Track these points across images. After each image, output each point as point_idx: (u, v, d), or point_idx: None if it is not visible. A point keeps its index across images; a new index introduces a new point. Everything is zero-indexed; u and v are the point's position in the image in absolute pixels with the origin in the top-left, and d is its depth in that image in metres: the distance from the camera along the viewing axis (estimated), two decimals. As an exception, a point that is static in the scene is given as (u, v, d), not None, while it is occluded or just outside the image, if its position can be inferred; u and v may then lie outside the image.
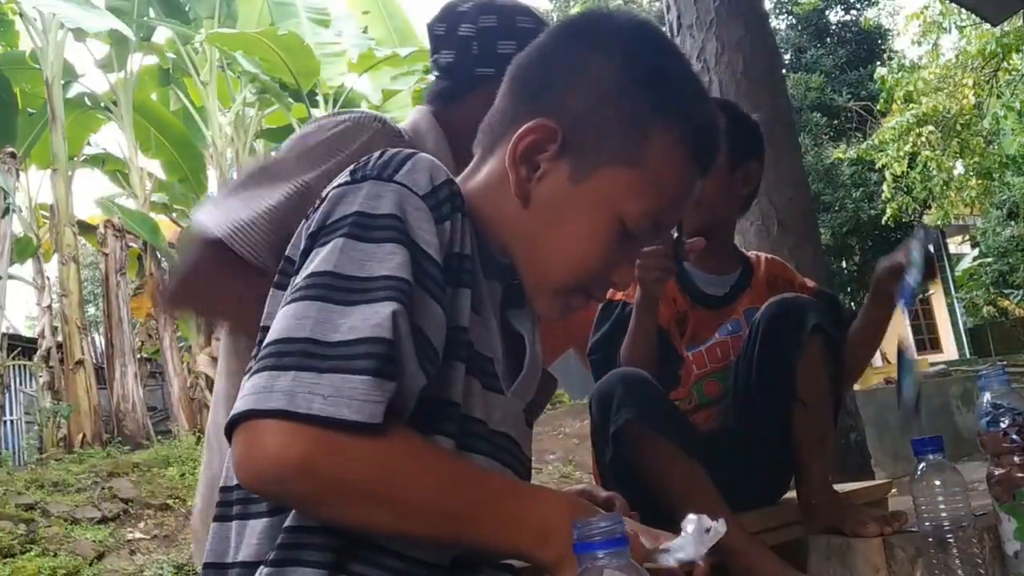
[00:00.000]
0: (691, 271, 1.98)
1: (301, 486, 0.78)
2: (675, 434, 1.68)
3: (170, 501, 7.22)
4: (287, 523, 0.85)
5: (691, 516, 0.98)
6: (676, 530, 0.95)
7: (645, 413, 1.66)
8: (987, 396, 1.45)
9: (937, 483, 1.41)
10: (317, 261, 0.86)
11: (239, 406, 0.79)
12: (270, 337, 0.83)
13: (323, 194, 0.94)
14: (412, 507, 0.83)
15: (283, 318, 0.83)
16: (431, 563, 0.88)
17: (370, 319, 0.82)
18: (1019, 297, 20.10)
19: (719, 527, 0.95)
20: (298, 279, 0.87)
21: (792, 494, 1.97)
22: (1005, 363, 1.57)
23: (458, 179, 1.01)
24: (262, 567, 0.84)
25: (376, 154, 0.94)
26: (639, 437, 1.67)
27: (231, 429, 0.80)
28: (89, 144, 13.00)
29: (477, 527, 0.86)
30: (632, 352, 1.81)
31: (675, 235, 1.72)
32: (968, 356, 19.63)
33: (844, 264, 14.68)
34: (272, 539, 0.86)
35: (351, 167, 0.94)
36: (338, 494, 0.80)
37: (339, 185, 0.92)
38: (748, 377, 1.84)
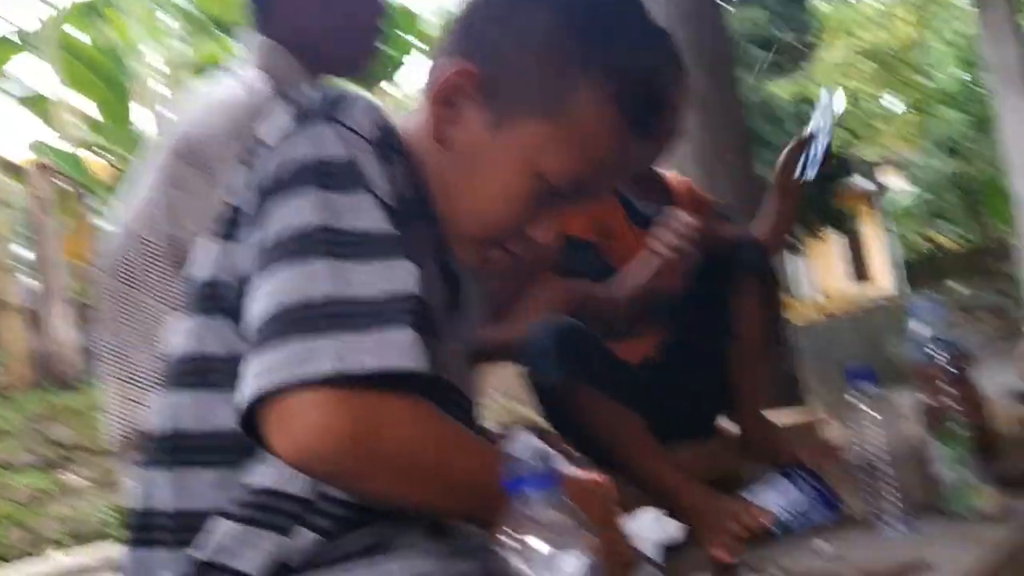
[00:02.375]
0: (630, 197, 1.98)
1: (347, 461, 0.76)
2: (609, 385, 1.68)
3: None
4: (253, 482, 0.83)
5: (645, 509, 1.00)
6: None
7: (577, 368, 1.66)
8: (920, 326, 1.48)
9: (870, 412, 1.44)
10: (296, 216, 0.82)
11: (270, 380, 0.74)
12: (275, 304, 0.77)
13: (260, 138, 0.90)
14: (444, 482, 0.82)
15: (285, 279, 0.79)
16: (373, 508, 0.87)
17: (390, 275, 0.80)
18: (950, 230, 20.65)
19: (672, 530, 0.98)
20: (275, 236, 0.81)
21: (729, 425, 2.00)
22: (937, 294, 1.61)
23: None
24: (224, 520, 0.82)
25: (315, 95, 0.90)
26: (571, 393, 1.67)
27: (256, 405, 0.75)
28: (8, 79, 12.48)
29: (491, 504, 0.82)
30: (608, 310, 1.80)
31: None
32: (900, 288, 20.18)
33: (783, 199, 14.84)
34: (225, 490, 0.84)
35: (290, 111, 0.90)
36: (381, 468, 0.78)
37: (283, 130, 0.88)
38: (685, 311, 1.86)
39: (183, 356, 0.90)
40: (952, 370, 1.45)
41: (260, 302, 0.79)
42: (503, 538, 0.68)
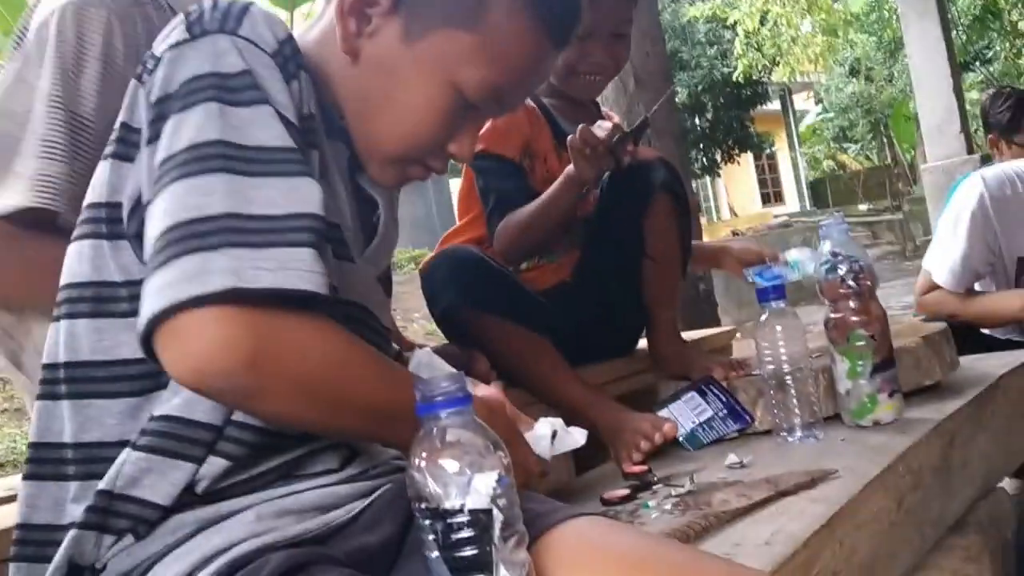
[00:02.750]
0: (558, 118, 1.96)
1: (248, 379, 0.73)
2: (508, 308, 1.69)
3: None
4: (160, 411, 0.81)
5: (543, 420, 1.01)
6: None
7: (471, 293, 1.67)
8: (827, 245, 1.52)
9: (778, 328, 1.47)
10: (193, 130, 0.77)
11: (166, 297, 0.71)
12: (170, 219, 0.74)
13: (155, 53, 0.84)
14: (348, 402, 0.80)
15: (181, 195, 0.74)
16: (285, 433, 0.86)
17: (291, 193, 0.76)
18: (856, 151, 21.17)
19: (574, 437, 1.00)
20: (170, 151, 0.77)
21: (643, 344, 2.04)
22: (843, 214, 1.66)
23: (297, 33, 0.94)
24: (129, 449, 0.80)
25: (209, 4, 0.85)
26: (467, 318, 1.68)
27: (154, 326, 0.72)
28: None
29: (397, 426, 0.82)
30: (533, 226, 1.79)
31: (625, 131, 1.69)
32: (808, 208, 20.71)
33: (698, 121, 15.00)
34: (131, 420, 0.82)
35: (184, 21, 0.84)
36: (282, 387, 0.75)
37: (176, 43, 0.83)
38: (598, 234, 1.87)
39: (78, 283, 0.86)
40: (856, 286, 1.48)
41: (156, 220, 0.75)
42: (416, 460, 0.68)
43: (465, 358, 1.66)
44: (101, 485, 0.79)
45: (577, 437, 1.05)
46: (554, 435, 1.02)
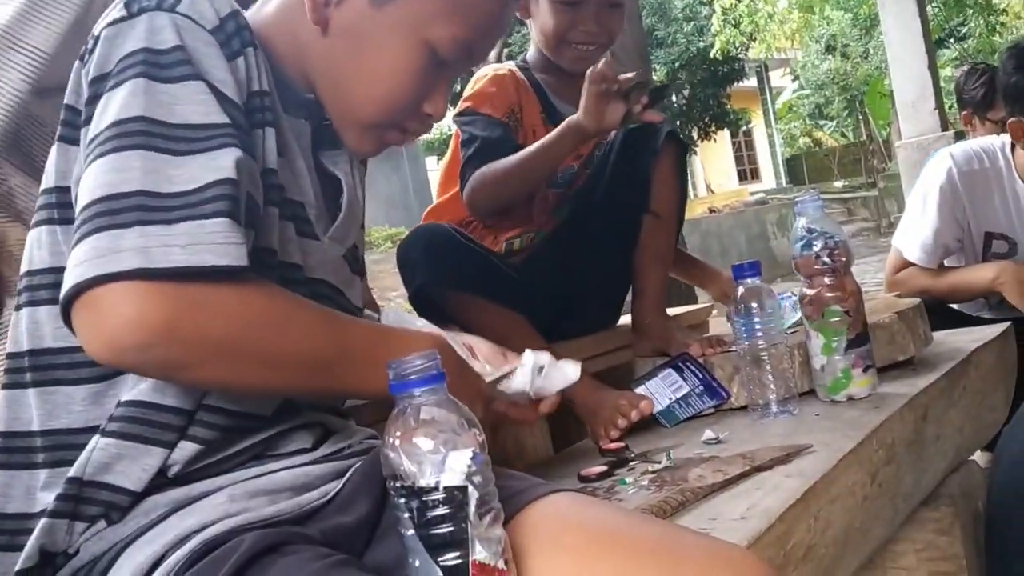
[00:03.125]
0: (548, 93, 1.95)
1: (166, 350, 0.71)
2: (482, 286, 1.67)
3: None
4: (128, 397, 0.80)
5: (528, 352, 1.00)
6: None
7: (444, 272, 1.65)
8: (802, 221, 1.52)
9: (754, 305, 1.47)
10: (119, 107, 0.76)
11: (77, 274, 0.70)
12: (88, 197, 0.73)
13: (95, 32, 0.83)
14: (283, 359, 0.79)
15: (100, 172, 0.73)
16: (257, 415, 0.85)
17: (208, 165, 0.75)
18: (832, 128, 21.25)
19: (565, 373, 0.98)
20: (97, 129, 0.76)
21: (622, 320, 2.04)
22: (818, 191, 1.67)
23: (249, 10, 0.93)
24: (99, 436, 0.79)
25: None
26: (441, 297, 1.66)
27: (69, 303, 0.71)
28: None
29: (347, 373, 0.83)
30: (516, 175, 1.76)
31: (640, 97, 1.67)
32: (784, 185, 20.81)
33: (674, 98, 14.99)
34: (97, 406, 0.81)
35: None
36: (205, 354, 0.74)
37: (113, 21, 0.81)
38: (599, 191, 1.87)
39: (38, 270, 0.84)
40: (831, 262, 1.49)
41: (80, 197, 0.74)
42: (390, 438, 0.67)
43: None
44: (71, 472, 0.79)
45: (569, 373, 1.01)
46: (541, 370, 0.99)
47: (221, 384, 0.79)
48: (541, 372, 0.98)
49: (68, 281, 0.71)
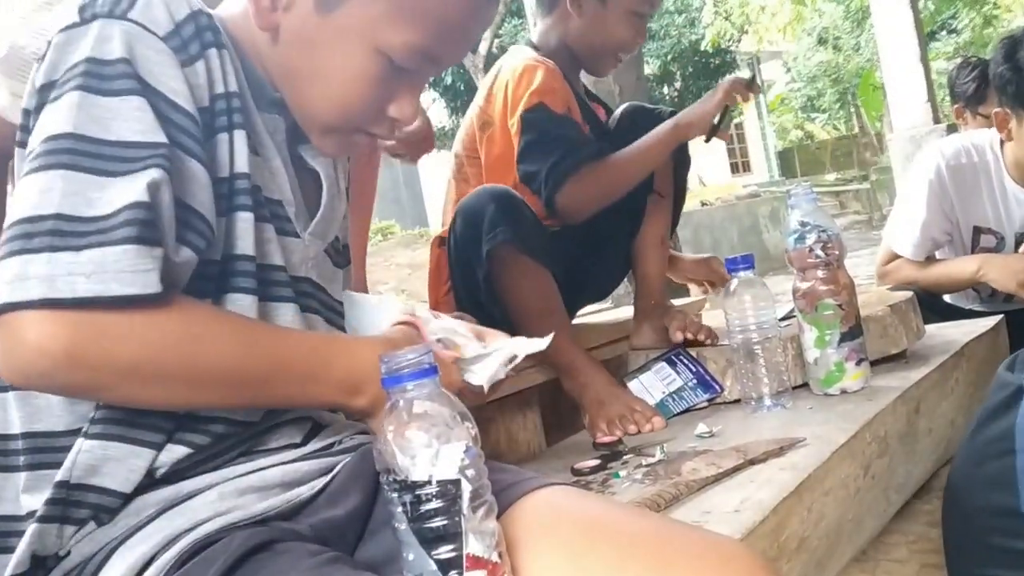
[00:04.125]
0: (574, 88, 1.96)
1: (70, 376, 0.71)
2: (543, 256, 1.68)
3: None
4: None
5: (503, 341, 0.97)
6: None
7: (519, 233, 1.63)
8: (796, 214, 1.52)
9: (747, 298, 1.47)
10: (53, 121, 0.75)
11: None
12: (14, 215, 0.72)
13: (49, 38, 0.81)
14: (201, 378, 0.77)
15: (26, 192, 0.72)
16: (246, 421, 0.85)
17: (127, 189, 0.73)
18: (824, 121, 21.28)
19: (532, 345, 0.95)
20: (33, 143, 0.75)
21: (614, 315, 2.04)
22: (811, 183, 1.67)
23: (218, 8, 0.91)
24: (82, 439, 0.78)
25: None
26: (511, 256, 1.64)
27: None
28: None
29: (276, 388, 0.82)
30: (631, 173, 1.79)
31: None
32: (776, 178, 20.82)
33: (666, 90, 14.99)
34: (78, 411, 0.80)
35: (79, 3, 0.81)
36: (114, 378, 0.73)
37: (66, 27, 0.80)
38: None
39: None
40: (824, 256, 1.49)
41: (13, 211, 0.73)
42: (383, 433, 0.67)
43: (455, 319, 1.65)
44: (58, 476, 0.78)
45: (537, 344, 0.99)
46: (511, 360, 0.97)
47: (144, 403, 0.78)
48: (511, 363, 0.95)
49: None
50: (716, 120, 1.73)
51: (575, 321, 2.07)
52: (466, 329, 0.98)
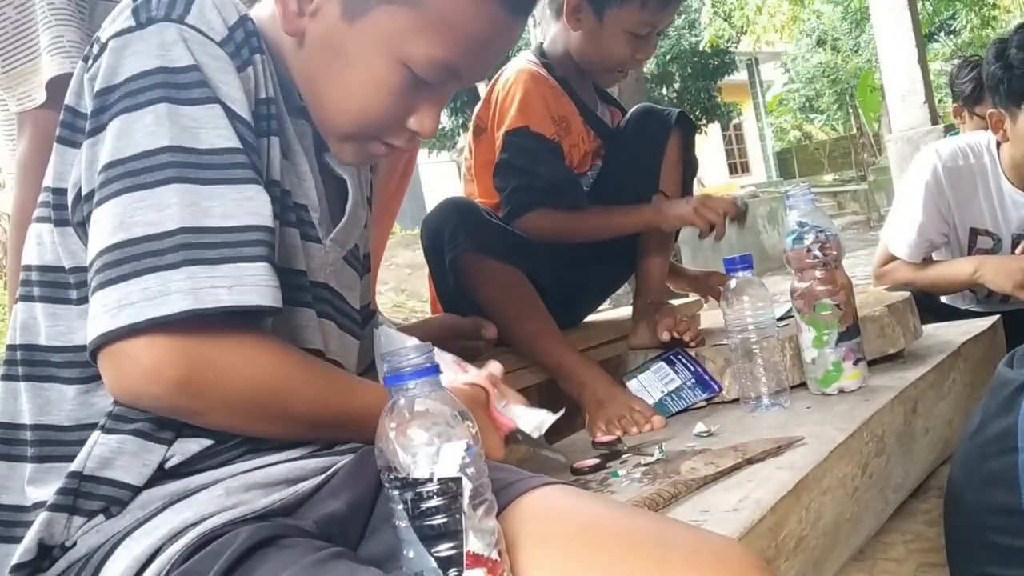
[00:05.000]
0: (579, 95, 1.97)
1: (175, 402, 0.75)
2: (511, 257, 1.70)
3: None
4: None
5: (529, 412, 1.02)
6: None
7: (480, 241, 1.67)
8: (794, 215, 1.52)
9: (745, 298, 1.48)
10: (141, 135, 0.75)
11: (116, 320, 0.71)
12: (122, 234, 0.72)
13: (100, 37, 0.82)
14: (283, 417, 0.82)
15: (134, 207, 0.73)
16: None
17: (246, 203, 0.76)
18: (822, 121, 21.28)
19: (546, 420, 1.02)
20: (118, 155, 0.75)
21: (613, 315, 2.05)
22: (809, 184, 1.68)
23: (252, 10, 0.92)
24: (99, 432, 0.80)
25: None
26: (476, 264, 1.68)
27: (98, 347, 0.73)
28: None
29: (350, 431, 0.86)
30: (585, 232, 1.85)
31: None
32: (775, 178, 20.82)
33: (664, 91, 14.99)
34: (90, 405, 0.81)
35: (131, 4, 0.81)
36: (211, 407, 0.77)
37: (122, 31, 0.80)
38: (614, 173, 1.91)
39: (35, 266, 0.85)
40: (822, 256, 1.49)
41: (106, 229, 0.74)
42: (385, 431, 0.68)
43: (470, 325, 1.67)
44: (72, 467, 0.79)
45: (545, 418, 1.07)
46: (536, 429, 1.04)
47: (232, 430, 0.82)
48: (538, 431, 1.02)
49: (97, 326, 0.72)
50: (736, 214, 1.77)
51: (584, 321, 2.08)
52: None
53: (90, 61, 0.82)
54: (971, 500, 1.25)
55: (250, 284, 0.74)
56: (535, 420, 1.03)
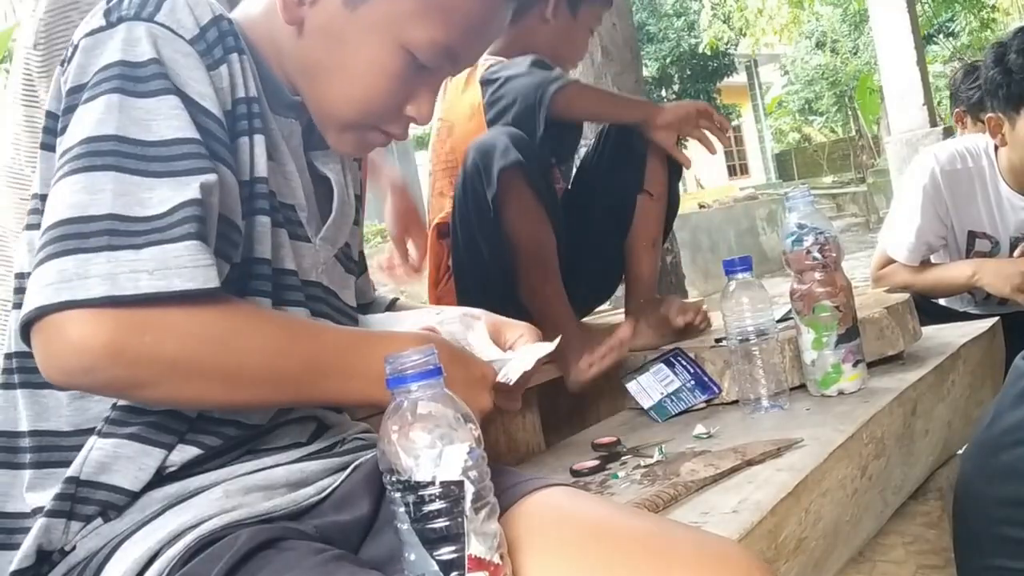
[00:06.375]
0: None
1: (111, 372, 0.71)
2: (547, 206, 1.72)
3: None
4: (125, 401, 0.80)
5: (524, 347, 0.99)
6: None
7: (529, 166, 1.66)
8: (793, 217, 1.52)
9: (745, 300, 1.48)
10: (92, 123, 0.75)
11: (39, 298, 0.70)
12: (57, 215, 0.72)
13: (74, 40, 0.82)
14: (243, 375, 0.77)
15: (71, 192, 0.73)
16: (256, 424, 0.86)
17: (181, 189, 0.74)
18: (821, 123, 21.30)
19: (544, 348, 0.97)
20: (70, 143, 0.76)
21: (613, 317, 2.05)
22: (808, 186, 1.68)
23: (235, 11, 0.92)
24: (96, 437, 0.79)
25: None
26: (519, 185, 1.66)
27: (30, 324, 0.71)
28: None
29: (316, 384, 0.82)
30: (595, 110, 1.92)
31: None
32: (774, 180, 20.84)
33: (664, 93, 15.01)
34: (86, 410, 0.81)
35: (104, 6, 0.82)
36: (154, 374, 0.73)
37: (92, 31, 0.81)
38: (598, 173, 1.92)
39: (27, 273, 0.84)
40: (821, 258, 1.50)
41: (47, 213, 0.74)
42: (387, 433, 0.68)
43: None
44: (69, 472, 0.79)
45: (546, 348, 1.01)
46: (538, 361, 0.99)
47: (183, 402, 0.79)
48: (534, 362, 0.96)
49: (32, 302, 0.70)
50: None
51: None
52: (482, 329, 0.99)
53: (65, 64, 0.82)
54: (982, 493, 1.25)
55: (175, 267, 0.72)
56: (515, 365, 0.97)
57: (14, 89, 1.39)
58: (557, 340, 0.98)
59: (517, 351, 0.98)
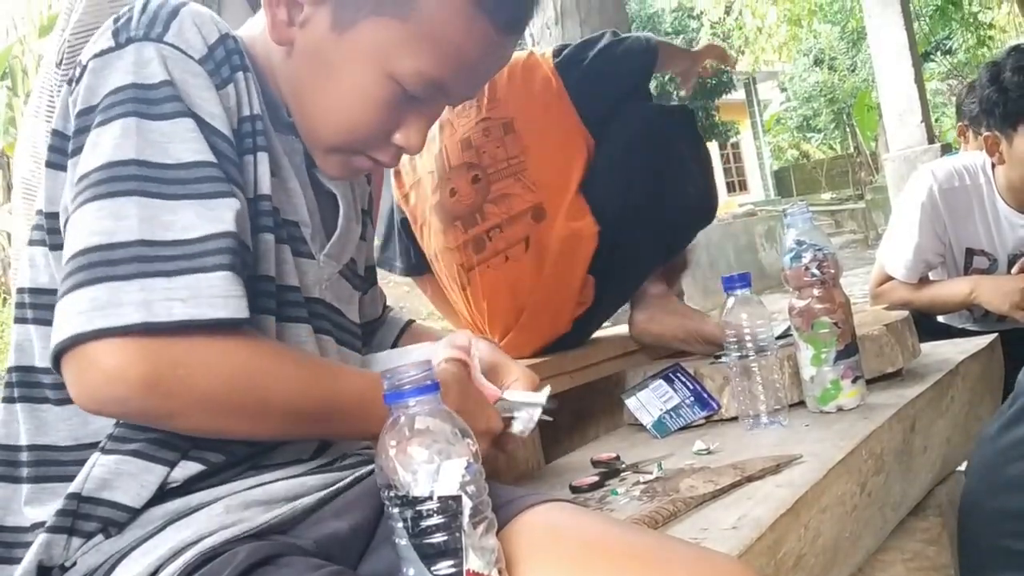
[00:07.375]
0: None
1: (145, 403, 0.72)
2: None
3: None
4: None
5: (520, 393, 1.01)
6: None
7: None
8: (791, 233, 1.53)
9: (744, 316, 1.48)
10: (110, 147, 0.75)
11: (72, 327, 0.70)
12: (84, 242, 0.72)
13: (82, 60, 0.82)
14: (267, 412, 0.79)
15: (95, 218, 0.73)
16: (261, 442, 0.86)
17: (208, 214, 0.75)
18: (820, 140, 21.36)
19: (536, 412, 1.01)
20: (88, 167, 0.76)
21: (615, 332, 2.05)
22: (807, 203, 1.69)
23: (240, 29, 0.92)
24: (99, 454, 0.79)
25: (138, 8, 0.82)
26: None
27: (63, 352, 0.72)
28: None
29: (334, 422, 0.84)
30: None
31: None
32: (772, 196, 20.88)
33: (663, 109, 15.05)
34: (86, 424, 0.81)
35: (112, 26, 0.82)
36: (186, 407, 0.74)
37: (101, 52, 0.81)
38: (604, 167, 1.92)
39: (28, 288, 0.85)
40: (820, 274, 1.50)
41: (70, 239, 0.74)
42: (385, 448, 0.68)
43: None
44: (71, 488, 0.79)
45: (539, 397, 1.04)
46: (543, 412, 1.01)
47: (211, 432, 0.80)
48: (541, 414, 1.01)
49: (62, 330, 0.70)
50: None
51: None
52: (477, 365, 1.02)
53: (73, 84, 0.82)
54: (987, 506, 1.25)
55: (207, 296, 0.72)
56: (526, 415, 1.00)
57: (36, 104, 1.41)
58: (546, 391, 1.02)
59: (512, 394, 1.01)
